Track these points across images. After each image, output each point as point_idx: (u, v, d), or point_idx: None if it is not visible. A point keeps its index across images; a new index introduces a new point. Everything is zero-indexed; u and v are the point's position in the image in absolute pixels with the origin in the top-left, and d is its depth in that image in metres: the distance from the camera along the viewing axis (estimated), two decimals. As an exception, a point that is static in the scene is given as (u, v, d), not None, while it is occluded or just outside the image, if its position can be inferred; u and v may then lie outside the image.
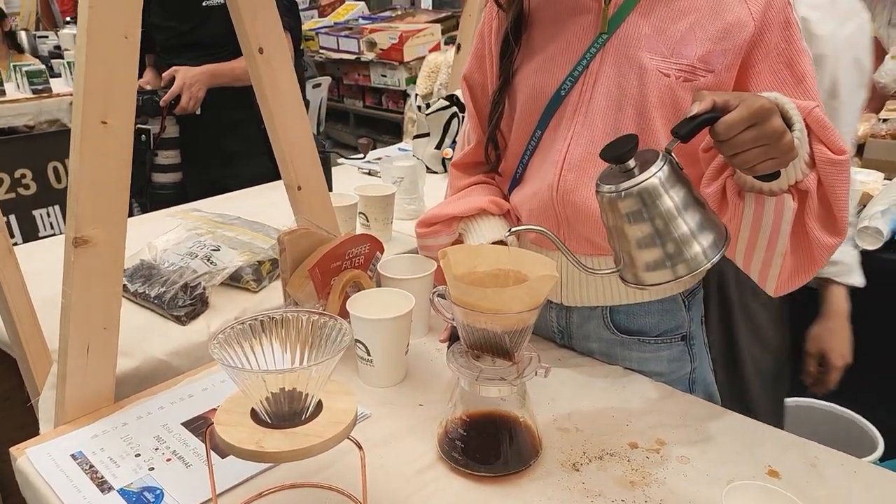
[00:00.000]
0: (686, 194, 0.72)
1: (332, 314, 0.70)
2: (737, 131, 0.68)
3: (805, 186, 0.78)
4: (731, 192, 0.82)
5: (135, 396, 0.96)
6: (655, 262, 0.74)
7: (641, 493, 0.79)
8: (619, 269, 0.78)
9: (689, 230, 0.72)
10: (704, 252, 0.73)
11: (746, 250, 0.85)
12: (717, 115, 0.69)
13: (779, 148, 0.70)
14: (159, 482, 0.79)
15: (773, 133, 0.69)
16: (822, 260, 0.81)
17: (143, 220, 1.71)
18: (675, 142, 0.72)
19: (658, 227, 0.72)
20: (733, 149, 0.70)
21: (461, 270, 0.83)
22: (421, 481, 0.81)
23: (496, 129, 1.02)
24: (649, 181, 0.71)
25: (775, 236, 0.81)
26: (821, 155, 0.77)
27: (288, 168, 1.10)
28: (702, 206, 0.74)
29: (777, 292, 0.87)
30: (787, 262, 0.83)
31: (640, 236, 0.73)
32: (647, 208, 0.72)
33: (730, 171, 0.82)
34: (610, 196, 0.73)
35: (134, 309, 1.20)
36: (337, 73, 5.56)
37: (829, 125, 0.77)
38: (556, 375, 1.01)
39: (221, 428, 0.64)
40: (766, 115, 0.68)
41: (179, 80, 1.98)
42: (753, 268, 0.87)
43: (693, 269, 0.73)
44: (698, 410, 0.94)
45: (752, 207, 0.82)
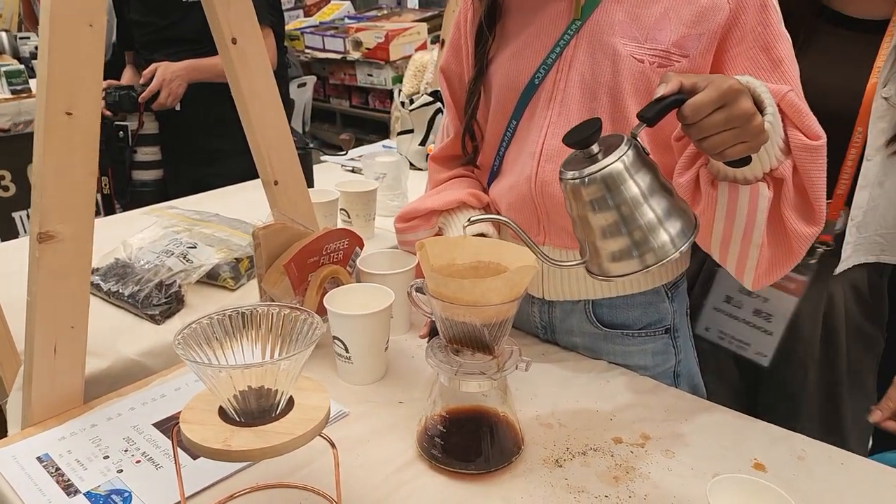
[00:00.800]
0: (652, 180, 0.70)
1: (305, 308, 0.68)
2: (704, 113, 0.66)
3: (780, 174, 0.77)
4: (704, 181, 0.80)
5: (105, 397, 0.93)
6: (621, 252, 0.71)
7: (626, 488, 0.77)
8: (585, 260, 0.76)
9: (655, 217, 0.70)
10: (672, 240, 0.70)
11: (722, 242, 0.83)
12: (684, 97, 0.67)
13: (748, 131, 0.67)
14: (128, 485, 0.76)
15: (741, 115, 0.66)
16: (800, 251, 0.80)
17: (118, 218, 1.68)
18: (642, 126, 0.69)
19: (624, 213, 0.69)
20: (702, 132, 0.67)
21: (440, 263, 0.81)
22: (399, 480, 0.78)
23: (472, 119, 1.00)
24: (613, 165, 0.68)
25: (750, 227, 0.79)
26: (796, 140, 0.75)
27: (264, 162, 1.07)
28: (669, 193, 0.71)
29: (755, 286, 0.85)
30: (763, 254, 0.81)
31: (604, 224, 0.71)
32: (612, 194, 0.69)
33: (703, 160, 0.81)
34: (573, 182, 0.71)
35: (107, 308, 1.17)
36: (323, 72, 5.53)
37: (805, 109, 0.76)
38: (539, 370, 1.00)
39: (187, 427, 0.62)
40: (735, 97, 0.66)
41: (159, 76, 1.95)
42: (730, 260, 0.85)
43: (661, 258, 0.70)
44: (683, 404, 0.93)
45: (725, 197, 0.79)
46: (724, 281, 1.17)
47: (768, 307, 1.13)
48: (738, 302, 1.17)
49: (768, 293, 1.13)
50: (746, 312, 1.16)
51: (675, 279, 1.00)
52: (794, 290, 1.10)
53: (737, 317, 1.17)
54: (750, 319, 1.15)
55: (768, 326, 1.13)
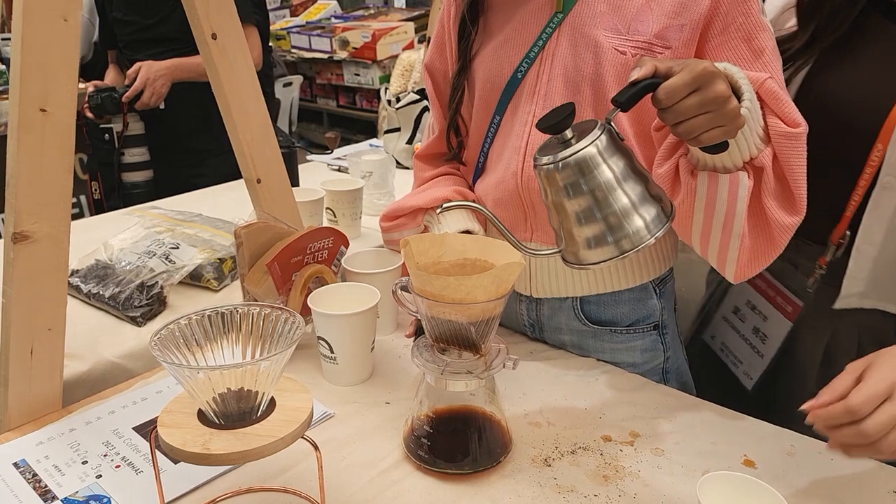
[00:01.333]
0: (626, 165, 0.69)
1: (287, 308, 0.67)
2: (679, 97, 0.65)
3: (760, 163, 0.76)
4: (683, 171, 0.80)
5: (84, 401, 0.91)
6: (596, 238, 0.70)
7: (615, 487, 0.76)
8: (561, 248, 0.75)
9: (630, 202, 0.69)
10: (647, 226, 0.69)
11: (702, 233, 0.83)
12: (658, 80, 0.66)
13: (723, 115, 0.66)
14: (107, 490, 0.74)
15: (716, 98, 0.65)
16: (782, 242, 0.79)
17: (99, 219, 1.65)
18: (616, 110, 0.69)
19: (598, 198, 0.69)
20: (676, 116, 0.66)
21: (425, 261, 0.79)
22: (386, 481, 0.77)
23: (456, 114, 1.00)
24: (587, 149, 0.68)
25: (731, 217, 0.78)
26: (775, 128, 0.74)
27: (246, 160, 1.05)
28: (644, 179, 0.71)
29: (737, 278, 0.84)
30: (745, 245, 0.80)
31: (578, 210, 0.70)
32: (586, 179, 0.68)
33: (683, 149, 0.80)
34: (547, 168, 0.70)
35: (86, 310, 1.15)
36: (309, 72, 5.50)
37: (784, 97, 0.75)
38: (527, 369, 0.99)
39: (165, 430, 0.60)
40: (709, 79, 0.65)
41: (143, 75, 1.93)
42: (710, 252, 0.84)
43: (636, 244, 0.69)
44: (672, 401, 0.92)
45: (705, 187, 0.79)
46: (738, 290, 1.10)
47: (766, 328, 1.04)
48: (742, 315, 1.09)
49: (769, 312, 1.04)
50: (747, 328, 1.08)
51: (662, 275, 0.99)
52: (791, 313, 1.00)
53: (738, 331, 1.10)
54: (748, 336, 1.08)
55: (761, 348, 1.05)
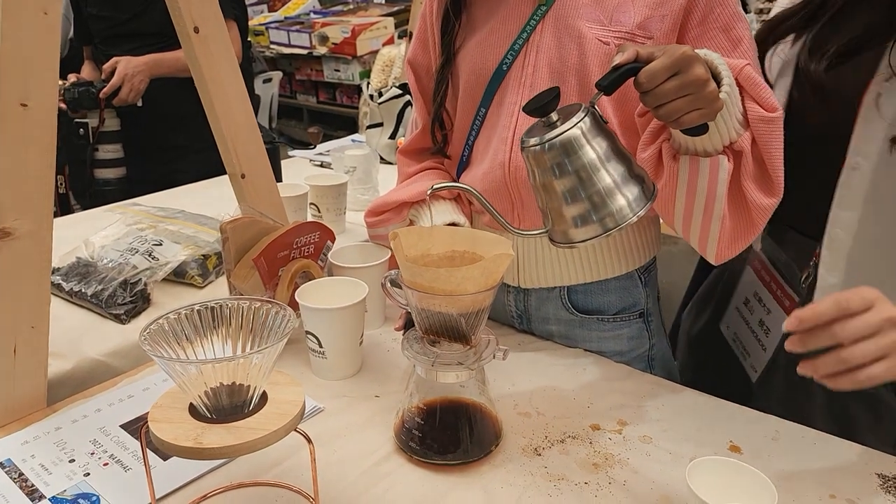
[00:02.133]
0: (609, 146, 0.72)
1: (275, 301, 0.66)
2: (659, 80, 0.67)
3: (739, 147, 0.78)
4: (666, 155, 0.81)
5: (70, 399, 0.90)
6: (582, 217, 0.73)
7: (605, 474, 0.77)
8: (548, 229, 0.77)
9: (612, 182, 0.72)
10: (630, 205, 0.72)
11: (684, 216, 0.84)
12: (639, 65, 0.68)
13: (703, 97, 0.69)
14: (95, 488, 0.73)
15: (695, 81, 0.67)
16: (760, 223, 0.81)
17: (79, 217, 1.63)
18: (599, 94, 0.71)
19: (582, 178, 0.71)
20: (657, 99, 0.68)
21: (414, 253, 0.79)
22: (377, 474, 0.77)
23: (441, 108, 1.00)
24: (571, 131, 0.70)
25: (711, 200, 0.80)
26: (753, 113, 0.77)
27: (230, 155, 1.04)
28: (627, 160, 0.73)
29: (718, 259, 0.86)
30: (725, 227, 0.82)
31: (564, 189, 0.73)
32: (571, 160, 0.71)
33: (665, 134, 0.82)
34: (534, 150, 0.73)
35: (69, 309, 1.13)
36: (289, 68, 5.45)
37: (761, 83, 0.77)
38: (515, 360, 0.99)
39: (156, 425, 0.60)
40: (688, 63, 0.67)
41: (120, 71, 1.90)
42: (693, 234, 0.86)
43: (620, 223, 0.72)
44: (658, 390, 0.93)
45: (686, 170, 0.80)
46: (748, 281, 1.08)
47: (769, 321, 1.02)
48: (751, 307, 1.07)
49: (772, 306, 1.02)
50: (755, 321, 1.06)
51: (647, 263, 1.00)
52: (788, 308, 0.99)
53: (748, 322, 1.08)
54: (755, 329, 1.06)
55: (765, 341, 1.03)
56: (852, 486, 0.75)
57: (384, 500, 0.73)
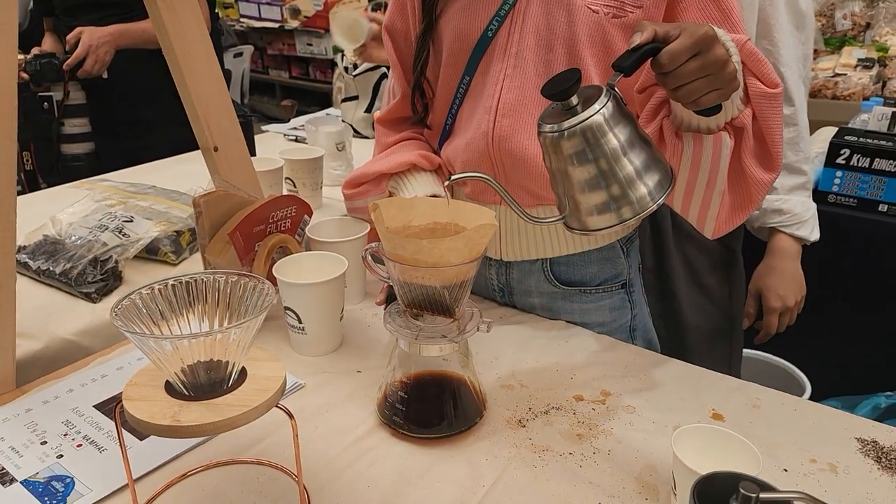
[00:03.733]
0: (631, 132, 0.69)
1: (253, 274, 0.64)
2: (681, 61, 0.65)
3: (741, 123, 0.77)
4: (668, 132, 0.80)
5: (40, 380, 0.87)
6: (600, 206, 0.70)
7: (589, 444, 0.77)
8: (564, 215, 0.74)
9: (634, 170, 0.68)
10: (650, 193, 0.69)
11: (685, 192, 0.83)
12: (659, 45, 0.66)
13: (722, 77, 0.67)
14: (69, 470, 0.71)
15: (716, 62, 0.66)
16: (759, 197, 0.80)
17: (44, 194, 1.58)
18: (618, 76, 0.68)
19: (602, 167, 0.68)
20: (678, 80, 0.66)
21: (395, 225, 0.78)
22: (361, 448, 0.76)
23: (422, 76, 0.97)
24: (593, 118, 0.66)
25: (714, 176, 0.80)
26: (755, 88, 0.75)
27: (202, 127, 1.01)
28: (647, 145, 0.70)
29: (715, 234, 0.86)
30: (725, 202, 0.82)
31: (584, 178, 0.69)
32: (592, 148, 0.68)
33: (666, 110, 0.80)
34: (552, 136, 0.69)
35: (37, 288, 1.10)
36: (260, 42, 5.34)
37: (762, 58, 0.76)
38: (498, 333, 0.98)
39: (131, 404, 0.58)
40: (710, 43, 0.66)
41: (85, 42, 1.83)
42: (692, 210, 0.85)
43: (638, 212, 0.69)
44: (641, 360, 0.93)
45: (690, 147, 0.79)
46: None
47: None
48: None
49: None
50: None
51: (629, 234, 1.00)
52: None
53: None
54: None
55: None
56: (832, 451, 0.76)
57: (368, 475, 0.72)
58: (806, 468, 0.73)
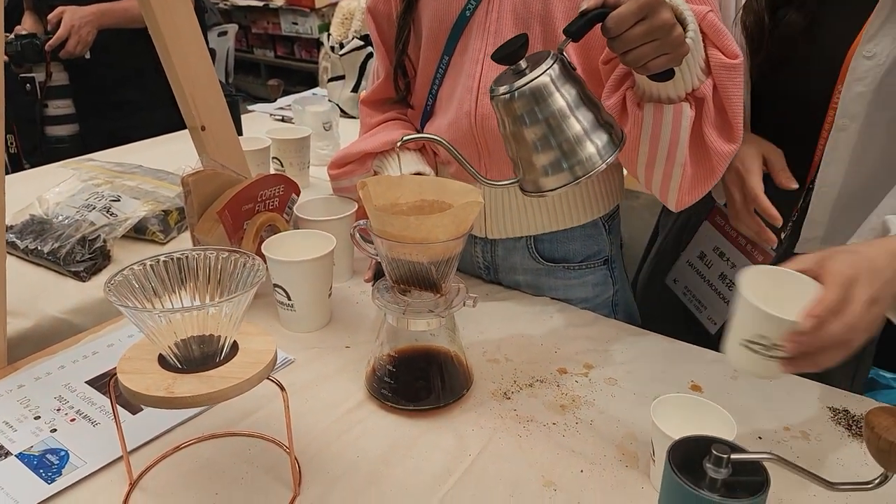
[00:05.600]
0: (578, 93, 0.71)
1: (243, 250, 0.65)
2: (627, 25, 0.66)
3: (701, 94, 0.79)
4: (630, 102, 0.82)
5: (31, 357, 0.88)
6: (552, 165, 0.73)
7: (572, 415, 0.79)
8: (519, 178, 0.77)
9: (582, 129, 0.71)
10: (599, 152, 0.71)
11: (647, 163, 0.85)
12: (606, 10, 0.67)
13: (669, 42, 0.69)
14: (63, 443, 0.73)
15: (662, 26, 0.67)
16: (720, 169, 0.82)
17: (30, 174, 1.57)
18: (567, 41, 0.70)
19: (552, 126, 0.71)
20: (625, 45, 0.68)
21: (383, 203, 0.79)
22: (350, 420, 0.78)
23: (403, 55, 0.98)
24: (540, 78, 0.69)
25: (674, 147, 0.81)
26: (715, 59, 0.77)
27: (189, 106, 1.01)
28: (595, 106, 0.73)
29: (678, 206, 0.88)
30: (686, 174, 0.84)
31: (534, 138, 0.72)
32: (540, 107, 0.70)
33: (630, 82, 0.82)
34: (503, 98, 0.71)
35: (25, 267, 1.10)
36: (244, 21, 5.27)
37: (724, 30, 0.77)
38: (483, 309, 1.00)
39: (125, 376, 0.59)
40: (655, 8, 0.67)
41: (66, 21, 1.80)
42: (654, 181, 0.87)
43: (589, 170, 0.72)
44: (622, 334, 0.96)
45: (651, 117, 0.81)
46: (704, 236, 1.10)
47: (734, 274, 1.03)
48: (709, 261, 1.09)
49: (737, 259, 1.04)
50: (713, 274, 1.08)
51: (611, 211, 1.02)
52: (763, 262, 0.99)
53: (703, 276, 1.10)
54: (714, 282, 1.08)
55: (727, 294, 1.05)
56: (805, 420, 0.79)
57: (357, 446, 0.74)
58: (780, 435, 0.76)
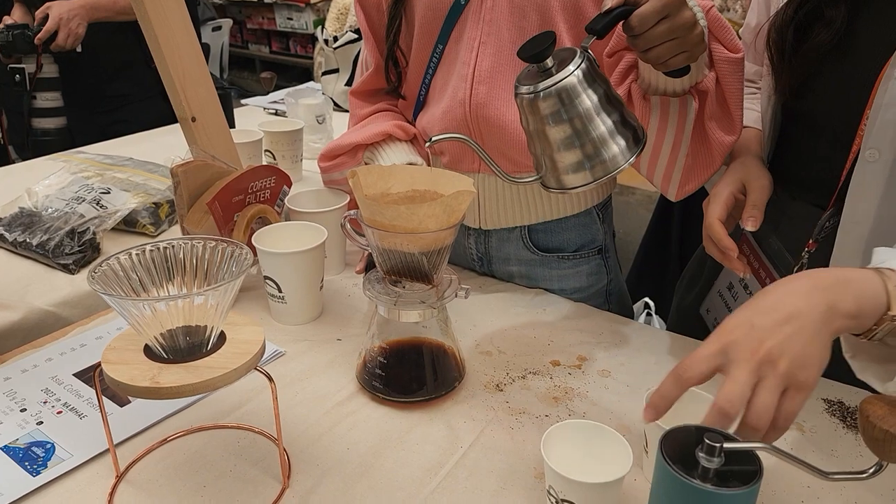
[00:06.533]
0: (604, 93, 0.71)
1: (231, 239, 0.64)
2: (651, 23, 0.66)
3: (705, 87, 0.79)
4: (636, 95, 0.82)
5: (18, 350, 0.87)
6: (575, 165, 0.72)
7: (565, 407, 0.79)
8: (542, 175, 0.76)
9: (606, 130, 0.71)
10: (623, 152, 0.71)
11: (651, 155, 0.85)
12: (630, 8, 0.67)
13: (690, 40, 0.69)
14: (49, 436, 0.72)
15: (684, 24, 0.68)
16: (720, 159, 0.83)
17: (20, 167, 1.56)
18: (591, 38, 0.69)
19: (577, 127, 0.70)
20: (648, 42, 0.68)
21: (374, 192, 0.78)
22: (341, 413, 0.77)
23: (394, 45, 0.97)
24: (568, 79, 0.68)
25: (679, 138, 0.82)
26: (719, 53, 0.77)
27: (179, 97, 1.00)
28: (620, 105, 0.72)
29: (678, 196, 0.88)
30: (688, 165, 0.84)
31: (560, 138, 0.71)
32: (567, 108, 0.70)
33: (634, 74, 0.82)
34: (529, 97, 0.70)
35: (13, 260, 1.09)
36: (239, 16, 5.25)
37: (726, 24, 0.77)
38: (476, 302, 1.00)
39: (110, 367, 0.58)
40: (678, 6, 0.67)
41: (55, 15, 1.79)
42: (657, 173, 0.87)
43: (610, 171, 0.71)
44: (616, 326, 0.95)
45: (658, 110, 0.81)
46: None
47: None
48: (735, 293, 1.01)
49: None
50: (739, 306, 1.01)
51: (604, 200, 1.02)
52: None
53: (730, 309, 1.00)
54: None
55: None
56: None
57: (348, 438, 0.73)
58: (773, 427, 0.76)
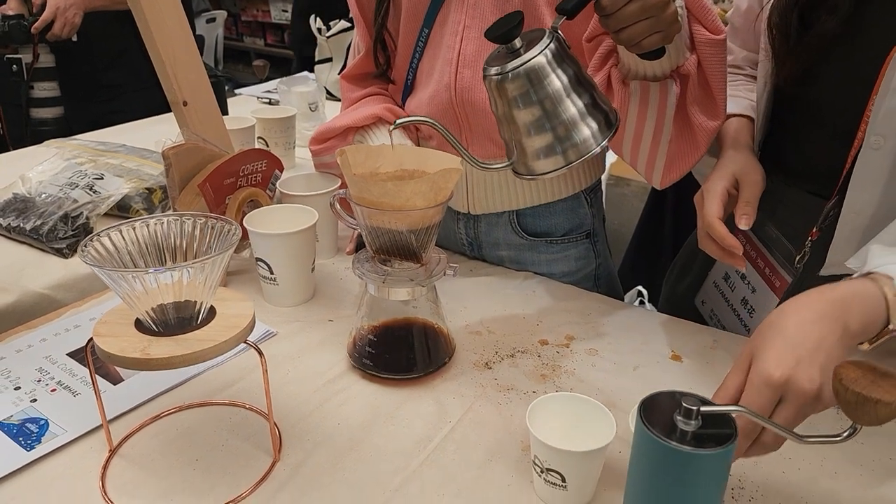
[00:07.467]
0: (574, 74, 0.70)
1: (222, 216, 0.65)
2: (622, 3, 0.66)
3: (686, 70, 0.78)
4: (615, 81, 0.81)
5: (13, 330, 0.88)
6: (546, 149, 0.71)
7: (552, 384, 0.80)
8: (512, 161, 0.75)
9: (577, 112, 0.69)
10: (594, 135, 0.70)
11: (633, 141, 0.85)
12: None
13: (663, 20, 0.68)
14: (43, 413, 0.73)
15: (656, 3, 0.67)
16: (704, 145, 0.82)
17: (14, 155, 1.56)
18: (561, 18, 0.69)
19: (547, 108, 0.69)
20: (620, 22, 0.67)
21: (362, 171, 0.79)
22: (332, 390, 0.78)
23: (382, 28, 0.97)
24: (536, 59, 0.67)
25: (661, 124, 0.81)
26: (700, 35, 0.77)
27: (170, 81, 1.00)
28: (591, 88, 0.71)
29: (663, 184, 0.88)
30: (671, 151, 0.84)
31: (529, 120, 0.70)
32: (535, 89, 0.68)
33: (614, 59, 0.81)
34: (496, 79, 0.69)
35: (8, 244, 1.10)
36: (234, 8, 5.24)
37: (707, 6, 0.77)
38: (466, 284, 1.01)
39: (101, 339, 0.59)
40: None
41: (52, 4, 1.79)
42: (640, 160, 0.87)
43: (583, 154, 0.70)
44: (604, 307, 0.96)
45: (637, 95, 0.81)
46: None
47: (754, 300, 0.95)
48: (732, 283, 1.01)
49: (757, 283, 0.94)
50: (736, 298, 0.99)
51: (592, 184, 1.02)
52: (778, 289, 0.91)
53: (727, 299, 1.01)
54: (737, 307, 0.98)
55: (748, 321, 0.95)
56: (782, 386, 0.79)
57: (338, 414, 0.75)
58: (757, 402, 0.77)
